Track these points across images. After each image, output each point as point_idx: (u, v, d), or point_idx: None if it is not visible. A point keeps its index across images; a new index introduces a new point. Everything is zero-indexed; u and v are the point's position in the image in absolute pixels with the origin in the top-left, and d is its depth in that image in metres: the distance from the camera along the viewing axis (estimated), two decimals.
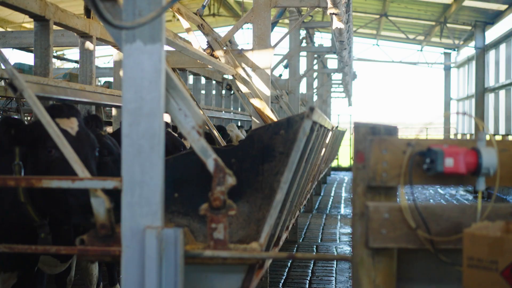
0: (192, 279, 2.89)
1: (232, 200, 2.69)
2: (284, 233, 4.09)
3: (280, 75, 16.43)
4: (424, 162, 2.36)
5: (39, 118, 2.88)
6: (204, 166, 2.97)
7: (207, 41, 6.25)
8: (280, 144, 3.21)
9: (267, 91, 6.29)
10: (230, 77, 11.93)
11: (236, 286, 2.90)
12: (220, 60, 6.15)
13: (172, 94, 2.71)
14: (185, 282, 2.87)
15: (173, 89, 2.71)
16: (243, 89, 6.08)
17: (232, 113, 13.80)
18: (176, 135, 5.82)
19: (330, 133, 6.77)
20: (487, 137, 2.38)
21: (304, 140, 2.96)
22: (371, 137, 2.42)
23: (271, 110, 6.34)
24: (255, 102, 6.07)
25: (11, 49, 7.14)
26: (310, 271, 7.88)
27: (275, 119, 6.14)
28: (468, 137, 21.42)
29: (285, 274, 7.70)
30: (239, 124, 15.32)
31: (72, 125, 3.48)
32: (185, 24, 5.77)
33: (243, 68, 6.17)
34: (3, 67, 6.64)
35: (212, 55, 6.11)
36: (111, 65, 8.06)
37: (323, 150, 6.70)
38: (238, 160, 3.16)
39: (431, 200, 16.04)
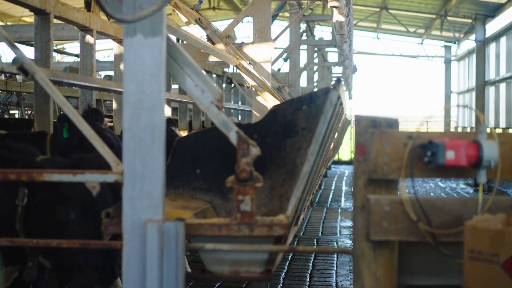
0: (218, 252, 2.87)
1: None
2: (302, 213, 4.06)
3: (279, 69, 16.40)
4: (425, 155, 2.35)
5: (54, 98, 2.88)
6: (226, 142, 2.96)
7: (206, 35, 6.24)
8: (302, 120, 3.17)
9: (268, 84, 6.28)
10: (231, 71, 11.92)
11: (263, 259, 2.87)
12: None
13: (187, 71, 2.71)
14: (210, 255, 2.88)
15: (188, 66, 2.71)
16: (247, 78, 6.08)
17: (232, 106, 13.78)
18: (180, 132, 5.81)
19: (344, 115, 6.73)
20: (488, 130, 2.38)
21: (331, 112, 2.94)
22: (372, 130, 2.41)
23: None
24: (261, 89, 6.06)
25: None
26: (310, 264, 7.89)
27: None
28: (468, 130, 21.40)
29: (286, 267, 7.71)
30: (239, 118, 15.30)
31: None
32: (184, 17, 5.76)
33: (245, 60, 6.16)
34: (2, 60, 6.61)
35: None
36: (112, 59, 8.04)
37: (336, 134, 6.68)
38: (261, 135, 3.11)
39: (432, 194, 16.05)
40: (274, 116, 3.25)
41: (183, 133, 6.43)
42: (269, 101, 6.12)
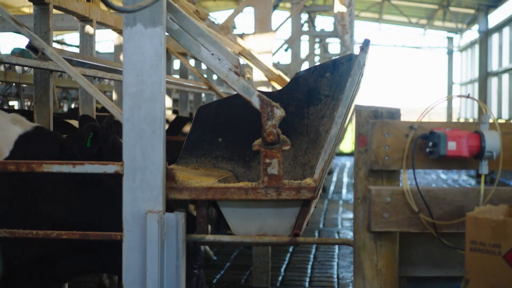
0: (244, 216, 2.86)
1: None
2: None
3: (278, 62, 16.34)
4: (427, 145, 2.34)
5: (67, 72, 2.87)
6: (248, 109, 2.93)
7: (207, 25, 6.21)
8: (325, 87, 3.13)
9: (275, 72, 6.25)
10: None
11: (290, 223, 2.86)
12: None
13: (201, 41, 2.69)
14: (237, 221, 2.87)
15: (202, 36, 2.70)
16: (251, 64, 6.06)
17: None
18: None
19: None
20: (491, 120, 2.36)
21: (359, 74, 2.90)
22: (373, 120, 2.40)
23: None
24: (269, 73, 6.02)
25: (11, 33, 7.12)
26: (312, 256, 7.89)
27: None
28: (471, 121, 21.33)
29: (287, 259, 7.72)
30: None
31: None
32: (182, 10, 5.73)
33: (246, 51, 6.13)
34: (2, 52, 6.59)
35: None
36: (112, 50, 8.04)
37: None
38: (283, 104, 3.06)
39: (434, 185, 16.03)
40: (297, 84, 3.21)
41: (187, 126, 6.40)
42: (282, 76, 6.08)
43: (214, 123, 3.31)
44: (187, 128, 6.48)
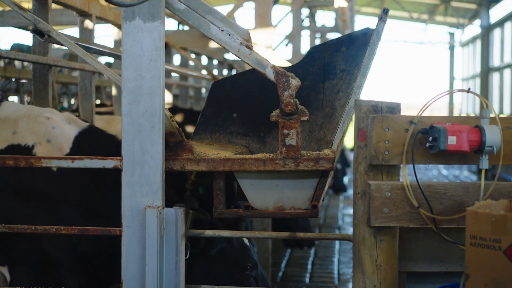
0: (262, 188, 2.85)
1: None
2: None
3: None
4: (427, 140, 2.33)
5: (74, 52, 2.85)
6: (263, 84, 2.89)
7: None
8: (341, 61, 3.08)
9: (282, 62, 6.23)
10: (231, 58, 11.87)
11: (308, 195, 2.84)
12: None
13: (209, 19, 2.68)
14: (255, 193, 2.85)
15: (210, 14, 2.68)
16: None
17: None
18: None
19: None
20: (492, 115, 2.34)
21: (377, 45, 2.87)
22: (373, 115, 2.39)
23: None
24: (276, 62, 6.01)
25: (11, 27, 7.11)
26: (312, 252, 7.89)
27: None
28: None
29: (287, 255, 7.71)
30: None
31: None
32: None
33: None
34: (1, 47, 6.57)
35: None
36: (111, 45, 8.03)
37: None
38: (298, 78, 3.07)
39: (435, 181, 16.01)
40: (312, 59, 3.15)
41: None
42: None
43: (228, 98, 3.26)
44: (177, 118, 6.45)
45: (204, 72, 8.34)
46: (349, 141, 27.60)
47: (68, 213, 3.03)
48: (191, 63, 8.85)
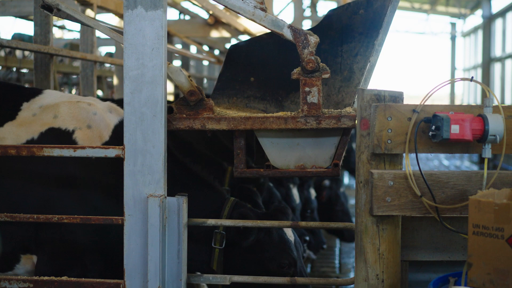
0: (283, 147, 2.84)
1: None
2: None
3: None
4: (430, 129, 2.32)
5: (85, 23, 2.82)
6: (280, 47, 2.87)
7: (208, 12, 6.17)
8: (359, 24, 3.04)
9: None
10: None
11: (329, 153, 2.84)
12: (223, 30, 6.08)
13: None
14: (276, 152, 2.85)
15: None
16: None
17: None
18: None
19: None
20: (495, 103, 2.34)
21: (398, 2, 2.86)
22: (375, 103, 2.38)
23: None
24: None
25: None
26: None
27: None
28: None
29: None
30: None
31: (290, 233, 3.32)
32: None
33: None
34: (2, 37, 6.57)
35: (216, 22, 6.04)
36: None
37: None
38: None
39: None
40: (330, 22, 3.11)
41: None
42: None
43: (245, 62, 3.24)
44: None
45: (205, 63, 8.32)
46: None
47: (100, 202, 3.05)
48: (193, 50, 8.84)
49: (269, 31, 2.72)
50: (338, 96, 3.05)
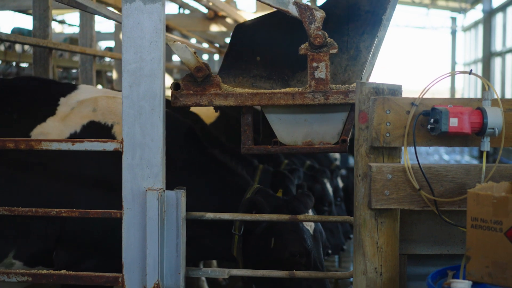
0: (290, 124, 2.84)
1: None
2: None
3: None
4: (428, 122, 2.31)
5: (86, 5, 2.82)
6: (286, 26, 2.86)
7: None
8: (365, 2, 3.01)
9: None
10: None
11: (337, 129, 2.83)
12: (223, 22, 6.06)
13: None
14: (283, 129, 2.85)
15: None
16: None
17: None
18: None
19: None
20: (493, 97, 2.33)
21: None
22: (374, 96, 2.37)
23: None
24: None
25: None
26: None
27: None
28: None
29: None
30: None
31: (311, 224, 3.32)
32: None
33: None
34: (1, 31, 6.57)
35: (216, 16, 6.02)
36: (112, 30, 8.00)
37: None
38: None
39: None
40: (336, 0, 3.08)
41: None
42: None
43: (251, 41, 3.21)
44: None
45: (205, 57, 8.31)
46: None
47: None
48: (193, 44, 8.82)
49: (275, 9, 2.71)
50: (344, 75, 3.03)
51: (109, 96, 3.27)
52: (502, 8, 19.82)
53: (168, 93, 3.58)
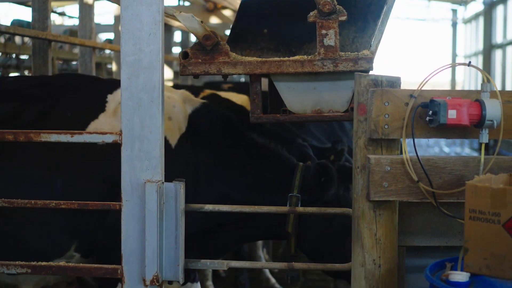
0: (299, 92, 2.84)
1: None
2: None
3: None
4: (427, 114, 2.31)
5: None
6: None
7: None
8: None
9: None
10: None
11: (347, 97, 2.83)
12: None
13: None
14: (292, 97, 2.85)
15: None
16: None
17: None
18: None
19: None
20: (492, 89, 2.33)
21: None
22: (373, 88, 2.37)
23: None
24: None
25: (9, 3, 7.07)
26: None
27: None
28: None
29: None
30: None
31: None
32: None
33: None
34: (1, 22, 6.54)
35: (216, 8, 6.00)
36: (111, 22, 7.98)
37: None
38: None
39: None
40: None
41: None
42: None
43: (258, 14, 3.18)
44: None
45: None
46: None
47: None
48: (193, 39, 8.79)
49: None
50: (352, 46, 3.02)
51: None
52: (503, 0, 19.75)
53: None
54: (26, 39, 7.24)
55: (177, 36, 10.82)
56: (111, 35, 11.55)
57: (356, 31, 3.01)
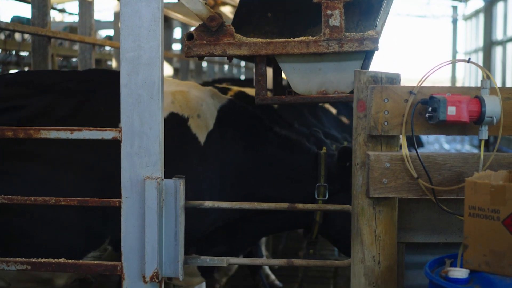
0: (305, 73, 2.83)
1: None
2: None
3: None
4: (427, 110, 2.31)
5: None
6: None
7: None
8: None
9: None
10: None
11: (352, 78, 2.77)
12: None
13: None
14: (298, 78, 2.85)
15: None
16: None
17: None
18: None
19: None
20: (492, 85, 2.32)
21: None
22: (372, 85, 2.37)
23: None
24: None
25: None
26: None
27: None
28: None
29: None
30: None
31: None
32: None
33: None
34: (2, 19, 6.54)
35: (216, 3, 5.99)
36: (111, 18, 7.98)
37: None
38: None
39: None
40: None
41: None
42: None
43: None
44: None
45: None
46: None
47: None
48: None
49: None
50: (356, 29, 3.01)
51: (183, 91, 3.41)
52: None
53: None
54: (26, 35, 7.24)
55: (177, 33, 10.82)
56: (111, 32, 11.53)
57: (360, 14, 3.00)
